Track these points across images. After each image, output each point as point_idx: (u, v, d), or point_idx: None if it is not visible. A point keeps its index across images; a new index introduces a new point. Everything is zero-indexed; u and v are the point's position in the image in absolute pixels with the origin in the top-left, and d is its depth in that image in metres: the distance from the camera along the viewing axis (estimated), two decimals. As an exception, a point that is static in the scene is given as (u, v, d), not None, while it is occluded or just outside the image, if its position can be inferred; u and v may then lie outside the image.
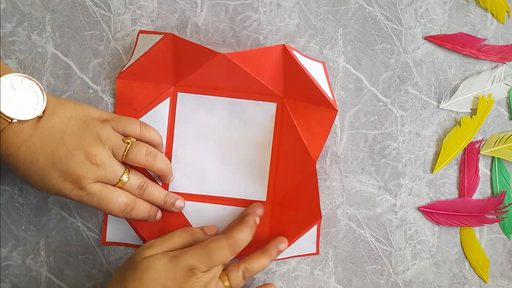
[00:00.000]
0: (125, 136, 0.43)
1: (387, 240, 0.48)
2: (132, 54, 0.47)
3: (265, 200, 0.48)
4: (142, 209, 0.44)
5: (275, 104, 0.47)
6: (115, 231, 0.48)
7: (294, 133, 0.46)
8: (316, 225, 0.47)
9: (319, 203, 0.46)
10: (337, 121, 0.48)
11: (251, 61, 0.44)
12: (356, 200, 0.48)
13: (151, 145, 0.44)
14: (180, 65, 0.46)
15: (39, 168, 0.39)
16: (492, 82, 0.47)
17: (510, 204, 0.48)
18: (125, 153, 0.42)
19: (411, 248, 0.48)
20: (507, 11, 0.47)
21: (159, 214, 0.46)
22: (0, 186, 0.48)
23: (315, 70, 0.46)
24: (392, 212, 0.48)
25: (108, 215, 0.48)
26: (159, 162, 0.44)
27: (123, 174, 0.42)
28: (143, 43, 0.47)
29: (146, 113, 0.47)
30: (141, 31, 0.47)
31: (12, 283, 0.48)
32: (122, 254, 0.49)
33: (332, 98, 0.46)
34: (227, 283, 0.42)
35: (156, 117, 0.47)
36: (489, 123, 0.48)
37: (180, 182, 0.48)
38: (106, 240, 0.48)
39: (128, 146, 0.42)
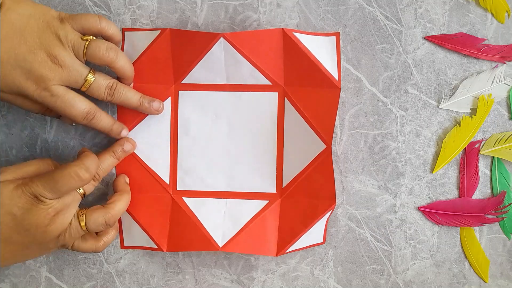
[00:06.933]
0: (86, 33, 0.41)
1: (387, 240, 0.48)
2: None
3: (274, 192, 0.47)
4: (104, 120, 0.44)
5: (276, 94, 0.47)
6: (129, 235, 0.48)
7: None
8: (327, 214, 0.46)
9: (335, 187, 0.46)
10: (337, 121, 0.48)
11: (249, 43, 0.45)
12: (356, 200, 0.48)
13: (112, 42, 0.43)
14: (179, 60, 0.46)
15: (1, 63, 0.39)
16: (492, 82, 0.47)
17: (510, 204, 0.48)
18: (84, 51, 0.41)
19: (411, 248, 0.48)
20: (507, 11, 0.47)
21: (125, 132, 0.46)
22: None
23: (321, 46, 0.46)
24: (392, 212, 0.48)
25: (122, 220, 0.48)
26: (121, 59, 0.42)
27: (88, 74, 0.41)
28: (130, 41, 0.47)
29: (148, 114, 0.47)
30: (125, 29, 0.47)
31: (12, 283, 0.48)
32: (122, 254, 0.49)
33: (337, 75, 0.46)
34: (83, 223, 0.41)
35: (159, 117, 0.47)
36: (489, 123, 0.48)
37: (188, 180, 0.48)
38: (125, 245, 0.48)
39: (87, 43, 0.41)
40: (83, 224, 0.41)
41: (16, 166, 0.42)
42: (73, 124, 0.47)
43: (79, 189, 0.42)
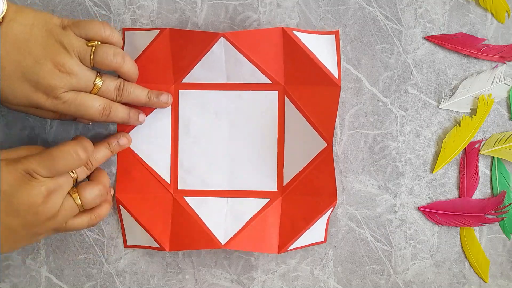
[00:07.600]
0: (89, 40, 0.41)
1: (387, 240, 0.48)
2: None
3: (276, 190, 0.48)
4: (121, 111, 0.44)
5: (276, 93, 0.47)
6: (131, 235, 0.48)
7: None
8: (329, 212, 0.46)
9: (336, 184, 0.46)
10: (337, 121, 0.48)
11: (250, 43, 0.45)
12: (356, 200, 0.48)
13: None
14: (179, 60, 0.46)
15: (8, 77, 0.38)
16: (492, 82, 0.47)
17: (510, 204, 0.48)
18: (91, 57, 0.40)
19: (411, 248, 0.48)
20: (507, 11, 0.47)
21: (142, 117, 0.46)
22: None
23: (321, 44, 0.46)
24: (392, 212, 0.48)
25: (123, 220, 0.48)
26: (127, 62, 0.43)
27: (95, 78, 0.41)
28: (130, 41, 0.47)
29: (148, 114, 0.47)
30: (125, 29, 0.47)
31: (12, 283, 0.48)
32: (122, 254, 0.49)
33: (337, 73, 0.46)
34: (78, 201, 0.41)
35: (159, 117, 0.47)
36: (489, 123, 0.48)
37: (189, 179, 0.48)
38: (128, 244, 0.48)
39: (93, 49, 0.41)
40: (77, 200, 0.41)
41: (5, 150, 0.40)
42: (90, 123, 0.47)
43: (72, 173, 0.41)
